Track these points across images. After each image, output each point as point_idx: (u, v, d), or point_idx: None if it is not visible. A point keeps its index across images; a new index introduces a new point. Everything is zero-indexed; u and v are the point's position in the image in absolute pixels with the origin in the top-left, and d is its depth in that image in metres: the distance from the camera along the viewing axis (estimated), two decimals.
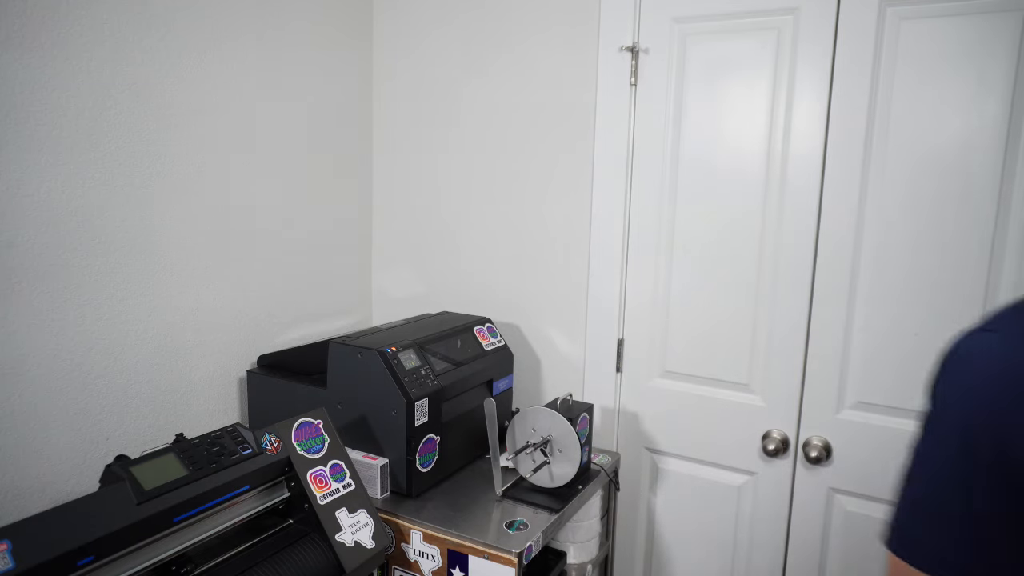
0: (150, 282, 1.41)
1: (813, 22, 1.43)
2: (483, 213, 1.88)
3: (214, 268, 1.55)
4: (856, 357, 1.46)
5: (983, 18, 1.29)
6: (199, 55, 1.46)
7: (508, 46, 1.78)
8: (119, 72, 1.31)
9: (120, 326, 1.36)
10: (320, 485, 1.16)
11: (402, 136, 1.98)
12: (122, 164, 1.33)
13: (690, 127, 1.59)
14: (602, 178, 1.69)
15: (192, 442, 1.06)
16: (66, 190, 1.24)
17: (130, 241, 1.36)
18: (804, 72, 1.45)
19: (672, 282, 1.65)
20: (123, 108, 1.33)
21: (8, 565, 0.79)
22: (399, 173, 2.00)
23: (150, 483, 0.96)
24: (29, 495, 1.22)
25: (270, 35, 1.64)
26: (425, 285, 2.00)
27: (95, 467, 1.32)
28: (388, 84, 1.97)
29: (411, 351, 1.44)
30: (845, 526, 1.51)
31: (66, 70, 1.23)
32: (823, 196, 1.45)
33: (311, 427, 1.21)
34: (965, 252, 1.34)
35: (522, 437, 1.44)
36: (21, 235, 1.18)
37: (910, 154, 1.37)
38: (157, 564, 0.96)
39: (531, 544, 1.25)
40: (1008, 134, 1.28)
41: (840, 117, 1.41)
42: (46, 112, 1.20)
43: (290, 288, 1.77)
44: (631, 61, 1.62)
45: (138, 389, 1.40)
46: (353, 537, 1.15)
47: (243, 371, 1.63)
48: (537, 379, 1.86)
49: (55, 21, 1.20)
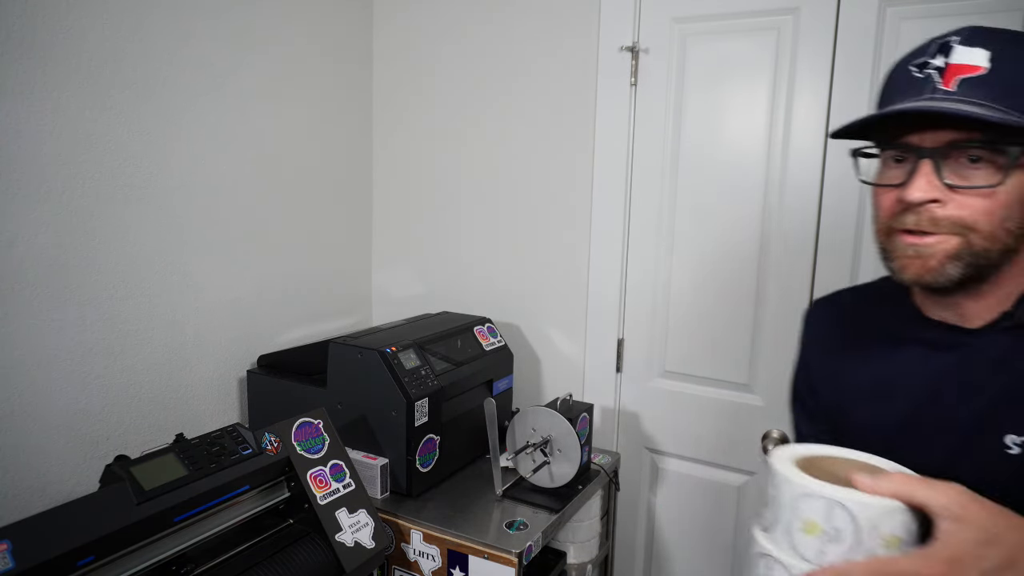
0: (150, 282, 1.41)
1: (813, 22, 1.43)
2: (483, 213, 1.87)
3: (214, 268, 1.55)
4: None
5: (983, 18, 1.29)
6: (200, 51, 1.46)
7: (508, 46, 1.78)
8: (118, 71, 1.31)
9: (120, 326, 1.35)
10: (320, 485, 1.16)
11: (402, 136, 1.98)
12: (122, 164, 1.33)
13: (690, 127, 1.59)
14: (602, 178, 1.69)
15: (192, 442, 1.06)
16: (66, 190, 1.24)
17: (130, 241, 1.36)
18: (804, 72, 1.45)
19: (672, 282, 1.65)
20: (123, 108, 1.32)
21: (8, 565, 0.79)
22: (399, 173, 2.00)
23: (150, 483, 0.96)
24: (29, 495, 1.22)
25: (271, 33, 1.64)
26: (425, 285, 2.00)
27: (95, 467, 1.32)
28: (388, 84, 1.97)
29: (411, 351, 1.44)
30: None
31: (67, 70, 1.23)
32: (823, 196, 1.45)
33: (311, 427, 1.21)
34: None
35: (522, 437, 1.44)
36: (21, 235, 1.18)
37: None
38: (157, 564, 0.96)
39: (531, 544, 1.25)
40: None
41: (840, 117, 1.41)
42: (46, 112, 1.20)
43: (290, 288, 1.77)
44: (631, 61, 1.62)
45: (138, 389, 1.40)
46: (353, 537, 1.15)
47: (243, 371, 1.63)
48: (537, 379, 1.86)
49: (57, 20, 1.20)
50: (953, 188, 0.61)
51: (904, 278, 0.68)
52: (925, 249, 0.64)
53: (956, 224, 0.62)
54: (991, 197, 0.61)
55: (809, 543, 0.53)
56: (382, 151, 2.02)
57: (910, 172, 0.63)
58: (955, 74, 0.62)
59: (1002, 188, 0.61)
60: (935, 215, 0.62)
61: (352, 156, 1.95)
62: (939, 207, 0.62)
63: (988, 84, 0.60)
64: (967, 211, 0.62)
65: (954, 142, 0.61)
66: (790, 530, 0.54)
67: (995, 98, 0.59)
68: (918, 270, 0.65)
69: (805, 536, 0.53)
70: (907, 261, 0.65)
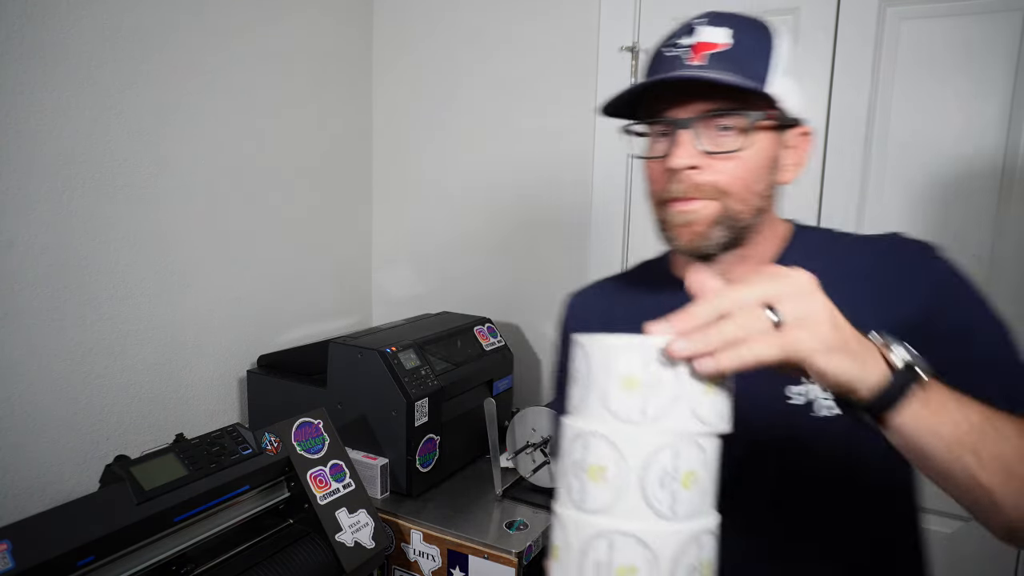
0: (150, 282, 1.41)
1: (813, 22, 1.43)
2: (483, 212, 1.87)
3: (214, 268, 1.55)
4: None
5: (983, 18, 1.29)
6: (200, 51, 1.46)
7: (508, 46, 1.78)
8: (118, 71, 1.31)
9: (120, 326, 1.35)
10: (320, 485, 1.16)
11: (402, 137, 1.98)
12: (122, 164, 1.33)
13: None
14: (602, 178, 1.69)
15: (192, 442, 1.06)
16: (66, 190, 1.24)
17: (130, 241, 1.36)
18: (804, 72, 1.44)
19: None
20: (123, 108, 1.32)
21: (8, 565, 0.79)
22: (399, 173, 2.00)
23: (150, 483, 0.96)
24: (29, 495, 1.22)
25: (272, 32, 1.63)
26: (425, 285, 2.00)
27: (95, 467, 1.31)
28: (388, 83, 1.97)
29: (411, 351, 1.44)
30: None
31: (67, 70, 1.23)
32: (823, 196, 1.45)
33: (311, 427, 1.21)
34: (966, 253, 1.33)
35: (522, 437, 1.44)
36: (21, 235, 1.18)
37: (911, 154, 1.36)
38: (157, 564, 0.96)
39: (531, 544, 1.25)
40: (1008, 133, 1.28)
41: (840, 117, 1.40)
42: (47, 112, 1.20)
43: (290, 288, 1.77)
44: (631, 61, 1.62)
45: (138, 389, 1.40)
46: (353, 537, 1.15)
47: (243, 371, 1.63)
48: (537, 379, 1.86)
49: (57, 20, 1.20)
50: (709, 154, 0.67)
51: (679, 247, 0.72)
52: (692, 215, 0.69)
53: (714, 188, 0.68)
54: (740, 161, 0.68)
55: (629, 402, 0.49)
56: (382, 151, 2.01)
57: (672, 143, 0.68)
58: (702, 50, 0.68)
59: (749, 152, 0.68)
60: (696, 181, 0.68)
61: (352, 156, 1.95)
62: (699, 173, 0.68)
63: (731, 57, 0.67)
64: (721, 176, 0.68)
65: (706, 111, 0.67)
66: (606, 396, 0.50)
67: (737, 69, 0.66)
68: (690, 236, 0.70)
69: (624, 395, 0.49)
70: (679, 229, 0.71)
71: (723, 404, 0.51)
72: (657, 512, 0.48)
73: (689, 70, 0.67)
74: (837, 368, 0.48)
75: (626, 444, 0.48)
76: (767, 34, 0.72)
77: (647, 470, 0.48)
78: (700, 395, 0.49)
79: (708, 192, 0.68)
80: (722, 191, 0.68)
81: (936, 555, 0.79)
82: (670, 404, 0.49)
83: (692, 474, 0.49)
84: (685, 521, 0.48)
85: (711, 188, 0.68)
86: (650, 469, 0.48)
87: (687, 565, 0.48)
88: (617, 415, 0.49)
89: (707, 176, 0.68)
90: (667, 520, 0.48)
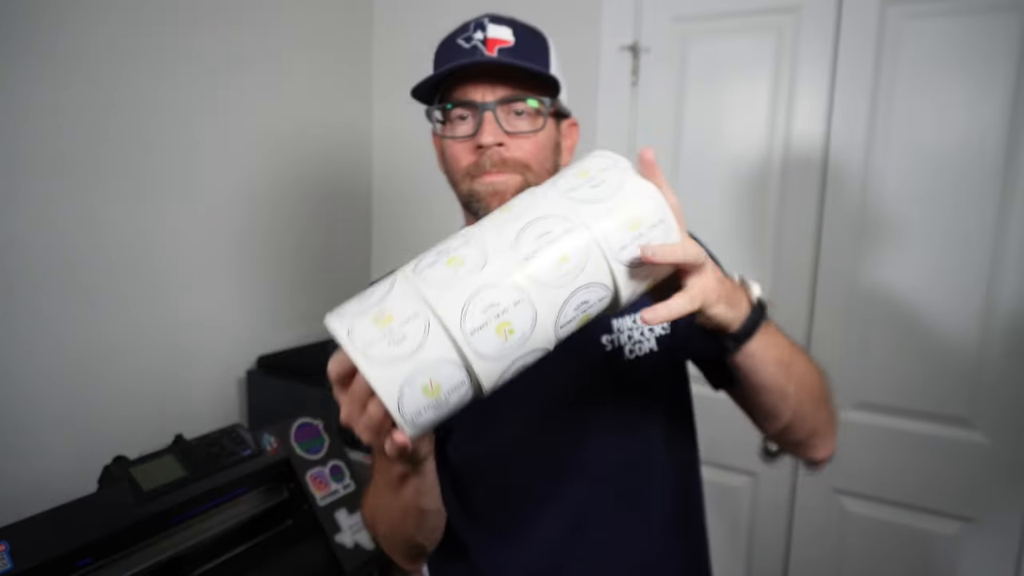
0: (150, 282, 1.41)
1: (814, 21, 1.42)
2: None
3: (214, 268, 1.55)
4: (858, 358, 1.45)
5: (985, 17, 1.28)
6: (200, 51, 1.46)
7: None
8: (117, 75, 1.31)
9: (120, 326, 1.35)
10: (320, 486, 1.16)
11: (401, 135, 1.97)
12: (122, 165, 1.33)
13: (691, 127, 1.58)
14: None
15: (191, 443, 1.06)
16: (66, 190, 1.24)
17: (130, 241, 1.36)
18: (805, 72, 1.44)
19: None
20: (123, 109, 1.32)
21: (7, 566, 0.79)
22: (399, 172, 2.00)
23: (149, 484, 0.96)
24: (28, 495, 1.21)
25: (272, 32, 1.63)
26: None
27: (94, 467, 1.31)
28: (388, 84, 1.97)
29: None
30: (847, 526, 1.50)
31: (67, 70, 1.22)
32: (824, 195, 1.45)
33: (311, 428, 1.21)
34: (966, 253, 1.33)
35: None
36: (21, 235, 1.18)
37: (912, 154, 1.36)
38: (156, 565, 0.96)
39: None
40: (1009, 133, 1.28)
41: (841, 116, 1.40)
42: (46, 114, 1.20)
43: (290, 288, 1.77)
44: (632, 60, 1.62)
45: (138, 389, 1.40)
46: (353, 538, 1.15)
47: (243, 371, 1.63)
48: None
49: (57, 20, 1.20)
50: (510, 134, 0.77)
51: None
52: (500, 185, 0.77)
53: (518, 163, 0.78)
54: (535, 140, 0.78)
55: (544, 241, 0.54)
56: (382, 150, 2.01)
57: (479, 123, 0.77)
58: (494, 44, 0.79)
59: (542, 134, 0.79)
60: (503, 156, 0.77)
61: (352, 156, 1.95)
62: (505, 150, 0.77)
63: (517, 51, 0.79)
64: (522, 152, 0.78)
65: (505, 97, 0.77)
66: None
67: (527, 61, 0.78)
68: (499, 204, 0.75)
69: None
70: (489, 199, 0.78)
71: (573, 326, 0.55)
72: (464, 329, 0.51)
73: (492, 59, 0.77)
74: (724, 314, 0.61)
75: (494, 258, 0.53)
76: (541, 37, 0.85)
77: (488, 288, 0.52)
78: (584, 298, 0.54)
79: (512, 166, 0.78)
80: (524, 165, 0.78)
81: (937, 556, 0.79)
82: (566, 277, 0.53)
83: (510, 329, 0.52)
84: (477, 360, 0.51)
85: (515, 163, 0.78)
86: (489, 290, 0.52)
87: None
88: (518, 248, 0.54)
89: (512, 152, 0.77)
90: (464, 335, 0.50)
